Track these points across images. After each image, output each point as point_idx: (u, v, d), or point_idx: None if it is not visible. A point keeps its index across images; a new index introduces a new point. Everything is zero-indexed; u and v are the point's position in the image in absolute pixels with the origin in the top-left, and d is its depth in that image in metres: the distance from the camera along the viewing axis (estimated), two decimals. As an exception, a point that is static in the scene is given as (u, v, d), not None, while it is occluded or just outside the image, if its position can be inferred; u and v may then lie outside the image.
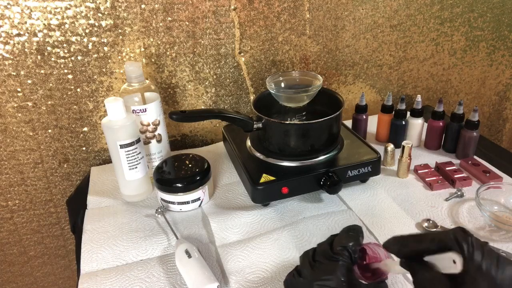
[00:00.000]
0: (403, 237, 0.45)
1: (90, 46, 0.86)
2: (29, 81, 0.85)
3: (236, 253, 0.66)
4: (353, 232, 0.51)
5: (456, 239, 0.40)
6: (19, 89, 0.86)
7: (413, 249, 0.43)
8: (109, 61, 0.88)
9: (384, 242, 0.46)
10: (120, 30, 0.86)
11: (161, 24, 0.88)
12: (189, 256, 0.62)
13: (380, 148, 0.84)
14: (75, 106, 0.90)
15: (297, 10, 0.96)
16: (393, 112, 0.93)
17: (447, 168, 0.82)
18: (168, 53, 0.92)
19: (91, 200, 0.82)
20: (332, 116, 0.75)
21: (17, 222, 1.00)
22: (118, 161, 0.75)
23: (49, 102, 0.88)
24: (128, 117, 0.74)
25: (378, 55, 1.09)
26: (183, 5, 0.87)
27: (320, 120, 0.75)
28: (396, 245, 0.45)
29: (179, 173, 0.77)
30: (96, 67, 0.88)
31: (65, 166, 0.96)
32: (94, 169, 0.94)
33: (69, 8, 0.81)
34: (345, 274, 0.48)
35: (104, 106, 0.92)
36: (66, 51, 0.85)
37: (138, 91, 0.79)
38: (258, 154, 0.81)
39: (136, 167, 0.77)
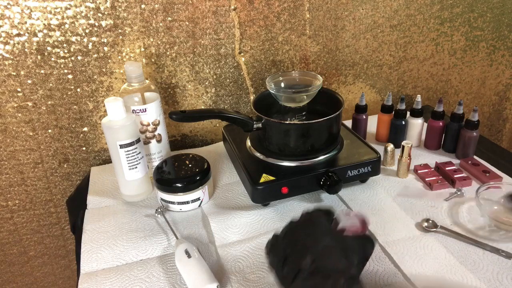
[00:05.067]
0: None
1: (90, 46, 0.86)
2: (29, 81, 0.85)
3: (236, 253, 0.66)
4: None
5: None
6: (19, 89, 0.86)
7: None
8: (109, 61, 0.88)
9: None
10: (120, 30, 0.86)
11: (161, 24, 0.88)
12: (189, 256, 0.62)
13: (380, 148, 0.84)
14: (75, 106, 0.90)
15: (297, 10, 0.96)
16: (393, 112, 0.93)
17: (447, 168, 0.82)
18: (168, 53, 0.92)
19: (91, 200, 0.82)
20: (332, 116, 0.76)
21: (17, 222, 1.00)
22: (118, 161, 0.75)
23: (49, 102, 0.88)
24: (128, 117, 0.74)
25: (378, 55, 1.09)
26: (183, 5, 0.88)
27: (320, 120, 0.75)
28: None
29: (179, 173, 0.77)
30: (96, 67, 0.88)
31: (65, 166, 0.96)
32: (94, 169, 0.94)
33: (69, 8, 0.81)
34: (322, 225, 0.53)
35: (104, 106, 0.92)
36: (66, 51, 0.85)
37: (138, 91, 0.79)
38: (258, 154, 0.81)
39: (136, 167, 0.77)
